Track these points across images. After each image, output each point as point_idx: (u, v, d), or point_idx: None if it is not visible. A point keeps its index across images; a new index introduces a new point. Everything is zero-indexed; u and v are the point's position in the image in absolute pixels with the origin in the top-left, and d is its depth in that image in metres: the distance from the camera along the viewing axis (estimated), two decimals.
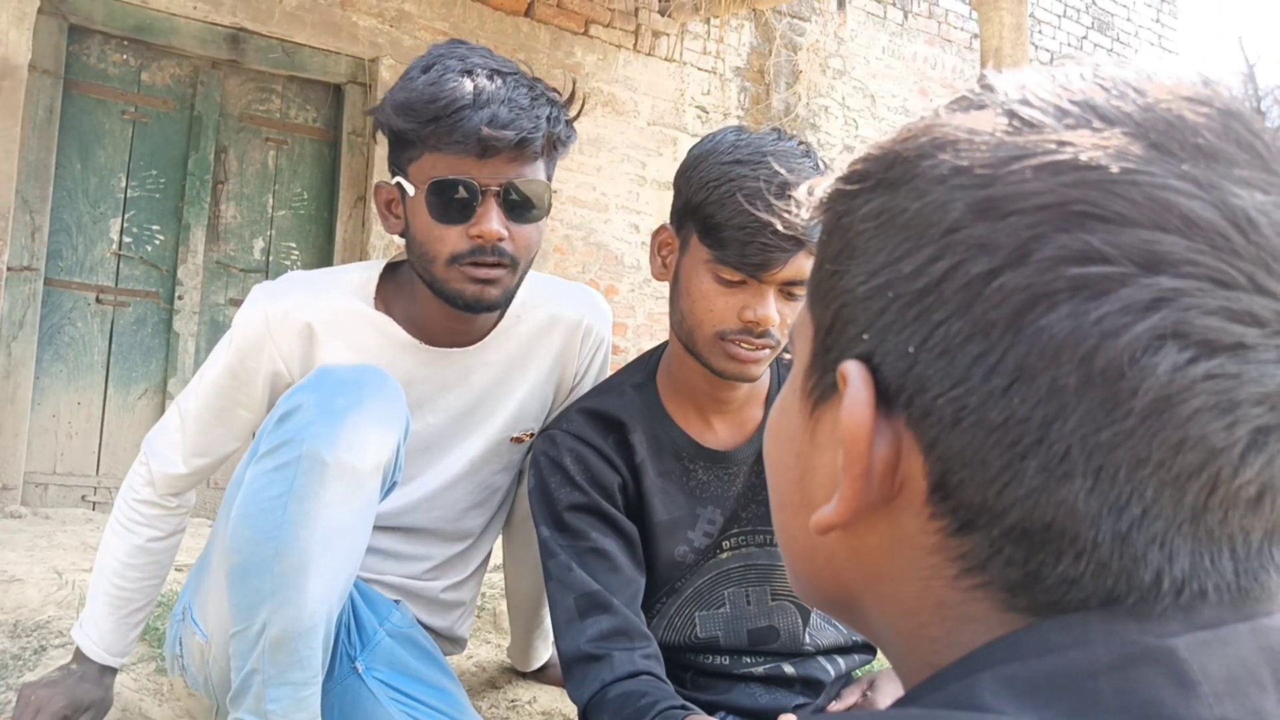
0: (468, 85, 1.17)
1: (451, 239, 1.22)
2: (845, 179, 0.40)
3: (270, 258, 3.94)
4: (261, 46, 3.84)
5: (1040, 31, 6.30)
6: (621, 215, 4.62)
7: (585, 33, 4.52)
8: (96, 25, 3.59)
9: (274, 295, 1.29)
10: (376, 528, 1.20)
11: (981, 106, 0.36)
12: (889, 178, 0.38)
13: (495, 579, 1.95)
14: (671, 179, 1.30)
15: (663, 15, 4.72)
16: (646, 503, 1.27)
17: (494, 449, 1.41)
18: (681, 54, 4.83)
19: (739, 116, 5.01)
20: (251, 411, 1.32)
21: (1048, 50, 6.41)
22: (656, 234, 1.27)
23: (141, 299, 3.72)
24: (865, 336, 0.37)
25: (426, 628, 1.43)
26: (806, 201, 0.43)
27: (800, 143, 1.20)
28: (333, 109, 4.10)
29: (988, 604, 0.35)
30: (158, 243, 3.75)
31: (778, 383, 1.32)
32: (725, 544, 1.30)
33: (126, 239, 3.69)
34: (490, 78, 1.19)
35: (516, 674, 1.82)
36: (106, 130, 3.66)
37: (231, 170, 3.87)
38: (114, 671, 1.37)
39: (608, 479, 1.25)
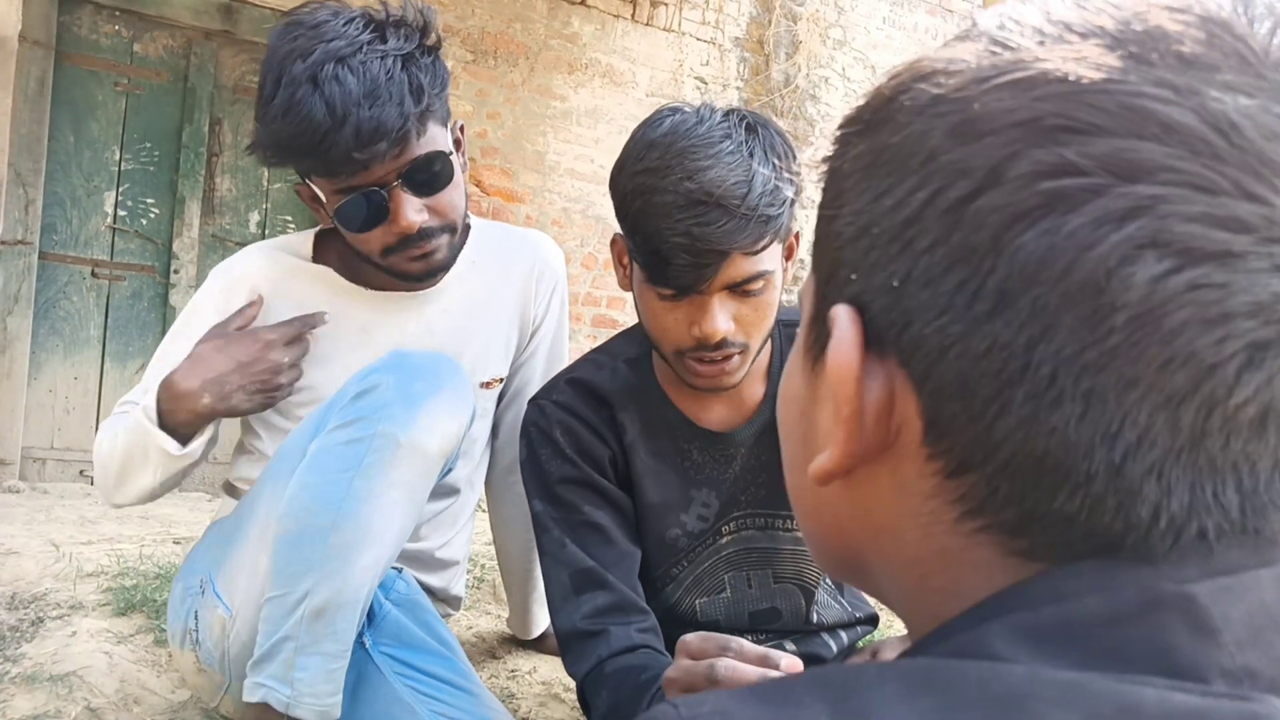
0: (320, 106, 1.12)
1: (377, 238, 1.24)
2: (841, 127, 0.40)
3: (266, 230, 3.91)
4: (255, 17, 3.79)
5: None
6: None
7: (583, 2, 4.47)
8: None
9: (227, 270, 1.34)
10: None
11: (966, 39, 0.36)
12: (874, 118, 0.37)
13: (493, 550, 1.95)
14: None
15: None
16: (636, 484, 1.23)
17: None
18: (680, 24, 4.78)
19: (738, 88, 4.97)
20: None
21: None
22: (613, 244, 1.20)
23: (137, 273, 3.70)
24: (853, 277, 0.36)
25: (425, 588, 1.44)
26: (813, 165, 0.42)
27: (725, 115, 1.08)
28: None
29: (989, 549, 0.34)
30: (153, 216, 3.72)
31: (780, 355, 1.27)
32: (725, 529, 1.26)
33: (121, 212, 3.67)
34: (337, 75, 1.13)
35: (517, 644, 1.82)
36: (99, 102, 3.62)
37: (226, 142, 3.84)
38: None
39: (598, 452, 1.22)
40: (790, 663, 0.82)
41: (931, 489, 0.35)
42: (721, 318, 1.07)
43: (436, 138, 1.23)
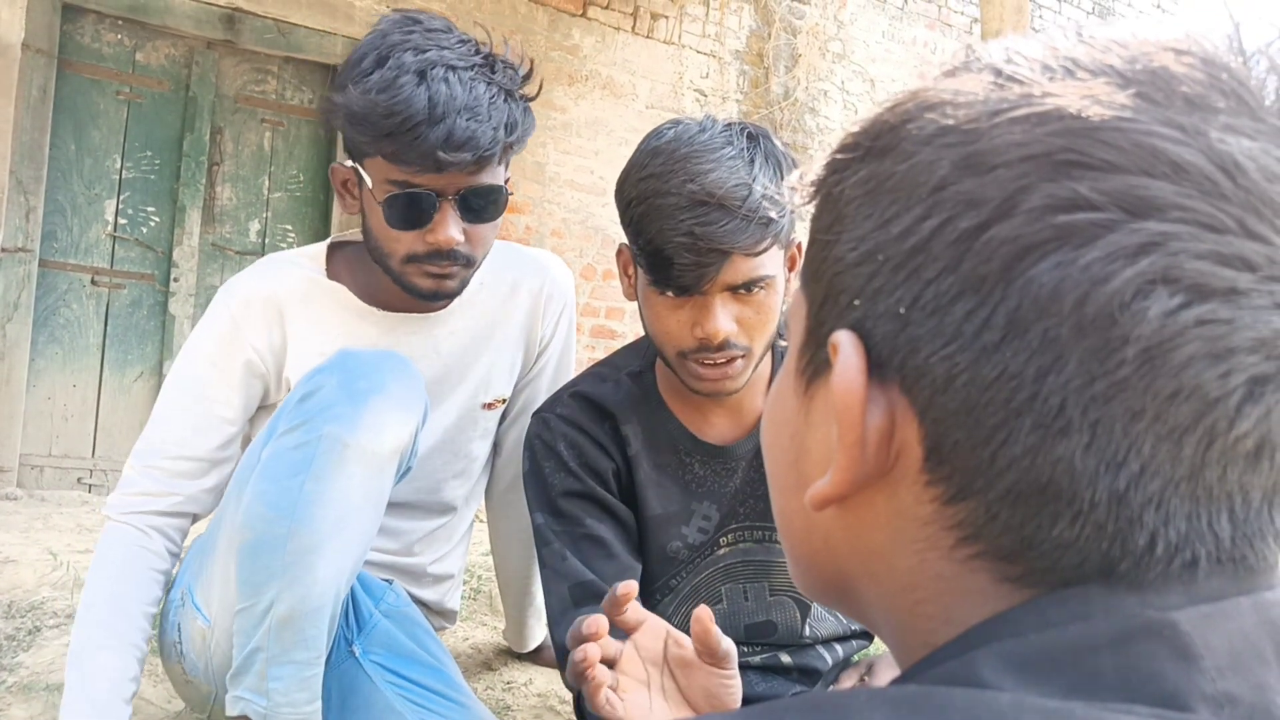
0: (422, 97, 1.13)
1: (407, 241, 1.23)
2: (837, 151, 0.40)
3: (266, 240, 3.92)
4: (257, 27, 3.81)
5: (1041, 16, 6.27)
6: None
7: (583, 14, 4.49)
8: (90, 4, 3.56)
9: (236, 288, 1.31)
10: None
11: (968, 70, 0.36)
12: (877, 145, 0.37)
13: (490, 562, 1.95)
14: None
15: None
16: (639, 496, 1.24)
17: (467, 416, 1.43)
18: (680, 36, 4.80)
19: (738, 100, 4.99)
20: (228, 407, 1.29)
21: None
22: (619, 254, 1.23)
23: (137, 281, 3.70)
24: (856, 303, 0.36)
25: (418, 602, 1.43)
26: (799, 187, 0.42)
27: (726, 126, 1.12)
28: (329, 90, 4.07)
29: (984, 575, 0.35)
30: (153, 224, 3.73)
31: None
32: (723, 540, 1.27)
33: (122, 220, 3.67)
34: (446, 78, 1.15)
35: (512, 656, 1.82)
36: (101, 110, 3.63)
37: (227, 152, 3.85)
38: None
39: (602, 465, 1.23)
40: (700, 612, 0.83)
41: (928, 515, 0.35)
42: (723, 318, 1.09)
43: (501, 175, 1.26)
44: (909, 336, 0.34)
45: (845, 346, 0.36)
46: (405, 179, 1.19)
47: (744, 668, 1.28)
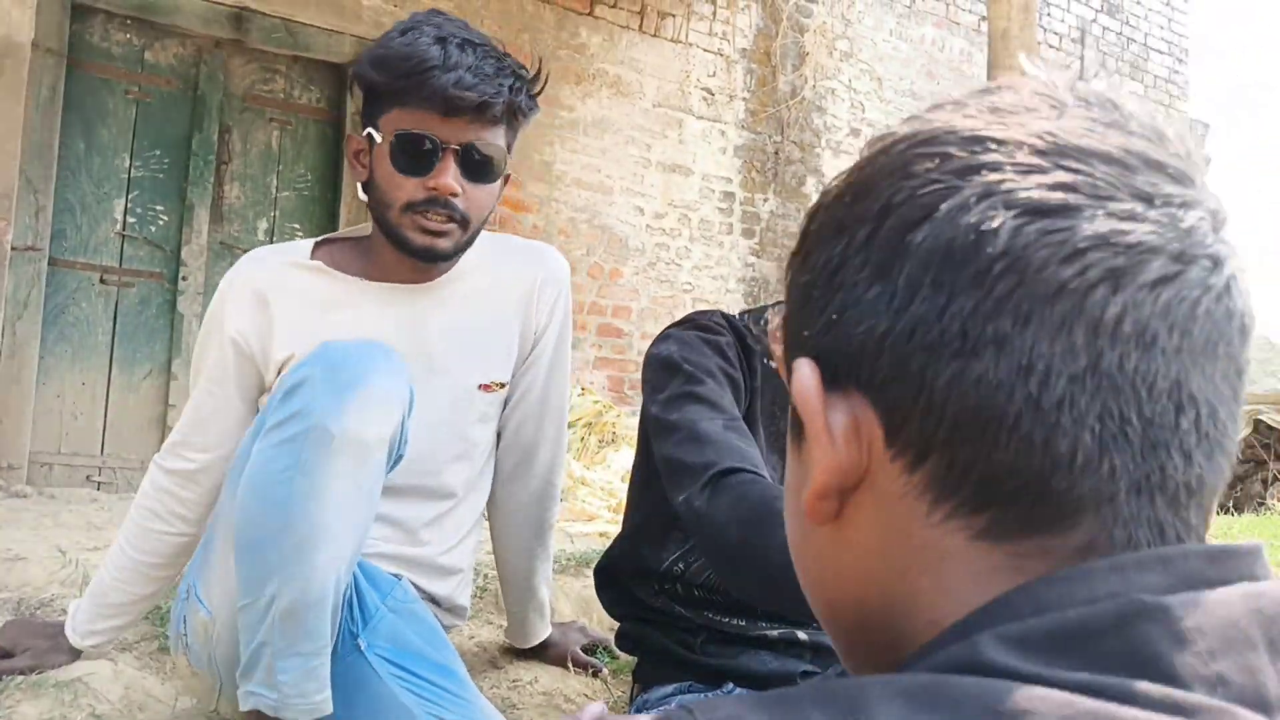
0: (437, 50, 1.26)
1: (409, 188, 1.31)
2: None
3: (274, 238, 3.93)
4: (265, 26, 3.82)
5: (1049, 14, 6.25)
6: (626, 198, 4.61)
7: (590, 13, 4.49)
8: (99, 4, 3.57)
9: (227, 281, 1.39)
10: None
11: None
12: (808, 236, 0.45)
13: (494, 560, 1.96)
14: (676, 162, 1.33)
15: None
16: (751, 425, 1.33)
17: (464, 397, 1.44)
18: (687, 35, 4.80)
19: (745, 99, 4.99)
20: (232, 386, 1.37)
21: (1056, 34, 6.36)
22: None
23: (146, 279, 3.72)
24: (805, 333, 0.42)
25: (428, 597, 1.44)
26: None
27: None
28: (336, 89, 4.09)
29: (959, 535, 0.37)
30: (161, 223, 3.74)
31: None
32: None
33: (130, 219, 3.69)
34: (461, 47, 1.28)
35: (518, 654, 1.82)
36: (110, 110, 3.65)
37: (235, 151, 3.87)
38: (75, 649, 1.41)
39: (737, 376, 1.31)
40: None
41: (902, 489, 0.38)
42: None
43: (503, 141, 1.35)
44: (844, 334, 0.40)
45: (801, 365, 0.41)
46: (415, 128, 1.29)
47: (761, 642, 1.33)
